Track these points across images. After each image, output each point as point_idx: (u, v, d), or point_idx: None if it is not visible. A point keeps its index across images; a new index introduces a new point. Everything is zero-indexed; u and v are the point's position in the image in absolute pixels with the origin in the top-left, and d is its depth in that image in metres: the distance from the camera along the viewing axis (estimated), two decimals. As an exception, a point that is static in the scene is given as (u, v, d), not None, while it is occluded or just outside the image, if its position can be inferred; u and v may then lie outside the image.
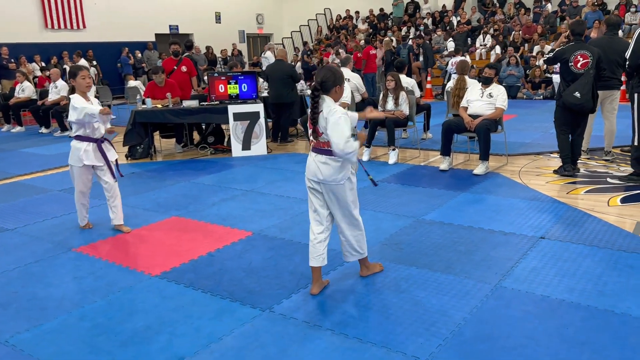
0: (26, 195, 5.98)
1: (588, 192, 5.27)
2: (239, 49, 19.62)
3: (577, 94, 5.47)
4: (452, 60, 12.24)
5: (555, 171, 5.98)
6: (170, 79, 8.33)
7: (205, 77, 9.73)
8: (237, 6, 22.12)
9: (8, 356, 2.79)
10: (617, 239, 4.03)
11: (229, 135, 7.87)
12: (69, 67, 14.15)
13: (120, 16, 17.97)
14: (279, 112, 8.58)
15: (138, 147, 7.79)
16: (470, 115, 6.26)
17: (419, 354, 2.64)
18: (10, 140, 10.21)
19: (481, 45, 16.12)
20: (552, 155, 6.78)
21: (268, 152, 7.83)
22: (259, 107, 7.68)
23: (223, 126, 8.53)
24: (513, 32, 15.65)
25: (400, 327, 2.89)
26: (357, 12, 21.29)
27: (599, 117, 6.48)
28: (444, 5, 19.25)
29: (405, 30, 18.33)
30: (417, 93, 7.98)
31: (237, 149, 7.73)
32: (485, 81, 6.34)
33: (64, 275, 3.77)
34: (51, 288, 3.58)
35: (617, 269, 3.51)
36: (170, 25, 19.82)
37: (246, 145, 7.73)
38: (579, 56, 5.55)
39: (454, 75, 9.58)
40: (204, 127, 8.65)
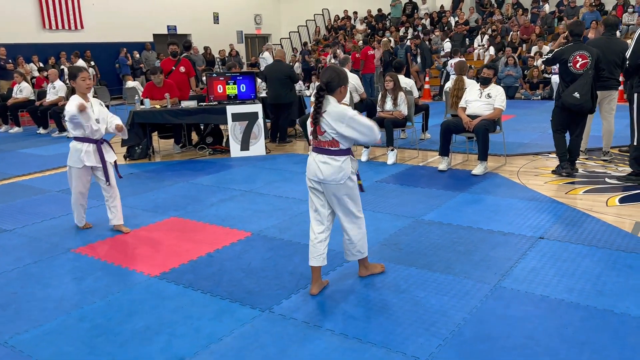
0: (24, 196, 5.97)
1: (586, 192, 5.28)
2: (236, 50, 19.60)
3: (577, 94, 5.49)
4: (452, 61, 12.25)
5: (554, 171, 5.99)
6: (169, 79, 8.32)
7: (204, 78, 9.73)
8: (235, 6, 22.12)
9: (7, 357, 2.79)
10: (616, 239, 4.03)
11: (228, 135, 7.86)
12: (66, 68, 14.14)
13: (118, 16, 17.95)
14: (277, 113, 8.58)
15: (136, 148, 7.79)
16: (468, 115, 6.26)
17: (419, 354, 2.64)
18: (8, 140, 10.19)
19: (479, 45, 16.14)
20: (551, 155, 6.79)
21: (267, 153, 7.82)
22: (258, 108, 7.67)
23: (221, 127, 8.53)
24: (511, 33, 15.67)
25: (400, 327, 2.90)
26: (355, 13, 21.29)
27: (597, 118, 6.50)
28: (442, 6, 19.26)
29: (403, 30, 18.34)
30: (416, 93, 7.98)
31: (236, 150, 7.72)
32: (484, 81, 6.35)
33: (63, 276, 3.77)
34: (50, 289, 3.57)
35: (616, 268, 3.51)
36: (168, 26, 19.81)
37: (245, 145, 7.72)
38: (578, 57, 5.56)
39: (452, 75, 9.59)
40: (202, 128, 8.65)
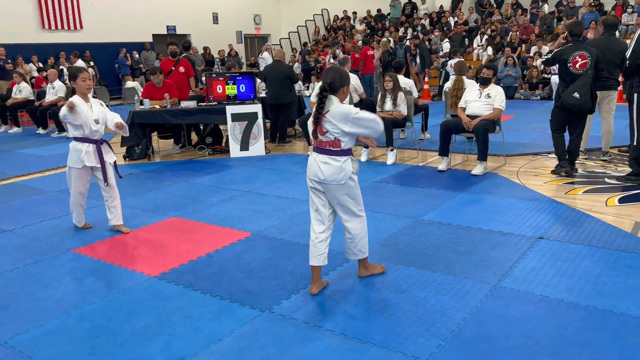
0: (24, 196, 5.97)
1: (586, 192, 5.28)
2: (235, 50, 19.59)
3: (576, 95, 5.49)
4: (451, 61, 12.25)
5: (553, 171, 6.00)
6: (168, 79, 8.32)
7: (203, 78, 9.73)
8: (235, 7, 22.11)
9: (7, 357, 2.78)
10: (616, 239, 4.04)
11: (227, 135, 7.87)
12: (65, 68, 14.13)
13: (118, 17, 17.95)
14: (277, 113, 8.58)
15: (136, 148, 7.79)
16: (468, 115, 6.26)
17: (419, 354, 2.64)
18: (8, 141, 10.19)
19: (478, 46, 16.14)
20: (550, 155, 6.79)
21: (266, 153, 7.82)
22: (257, 108, 7.67)
23: (221, 127, 8.53)
24: (510, 33, 15.68)
25: (400, 328, 2.90)
26: (355, 13, 21.29)
27: (597, 118, 6.50)
28: (441, 6, 19.26)
29: (403, 30, 18.34)
30: (415, 93, 7.98)
31: (235, 150, 7.72)
32: (483, 82, 6.35)
33: (63, 277, 3.77)
34: (50, 289, 3.57)
35: (616, 268, 3.52)
36: (167, 26, 19.81)
37: (244, 145, 7.72)
38: (577, 57, 5.56)
39: (452, 76, 9.59)
40: (202, 128, 8.65)
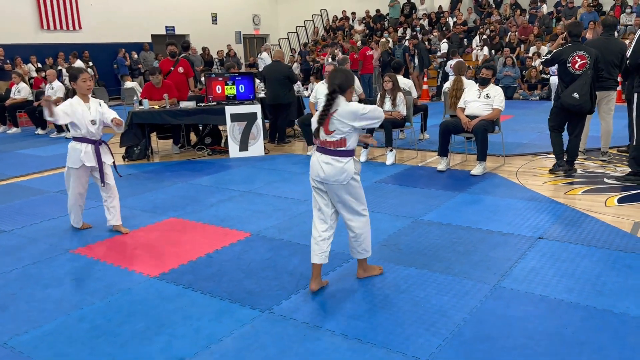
0: (23, 197, 5.96)
1: (585, 193, 5.29)
2: (234, 50, 19.57)
3: (576, 95, 5.50)
4: (451, 62, 12.26)
5: (551, 170, 6.03)
6: (167, 80, 8.32)
7: (202, 78, 9.72)
8: (234, 7, 22.10)
9: (7, 358, 2.78)
10: (615, 239, 4.04)
11: (226, 136, 7.86)
12: (64, 69, 14.10)
13: (117, 17, 17.93)
14: (276, 113, 8.58)
15: (135, 149, 7.78)
16: (467, 116, 6.26)
17: (419, 354, 2.64)
18: (6, 141, 10.17)
19: (477, 46, 16.15)
20: (549, 155, 6.79)
21: (265, 153, 7.82)
22: (257, 108, 7.67)
23: (220, 127, 8.52)
24: (509, 33, 15.69)
25: (400, 328, 2.90)
26: (354, 13, 21.28)
27: (596, 118, 6.51)
28: (440, 6, 19.26)
29: (402, 31, 18.34)
30: (414, 94, 7.99)
31: (235, 150, 7.72)
32: (483, 82, 6.35)
33: (62, 277, 3.76)
34: (49, 290, 3.57)
35: (616, 268, 3.52)
36: (166, 26, 19.79)
37: (243, 146, 7.71)
38: (576, 57, 5.57)
39: (451, 76, 9.59)
40: (201, 128, 8.64)
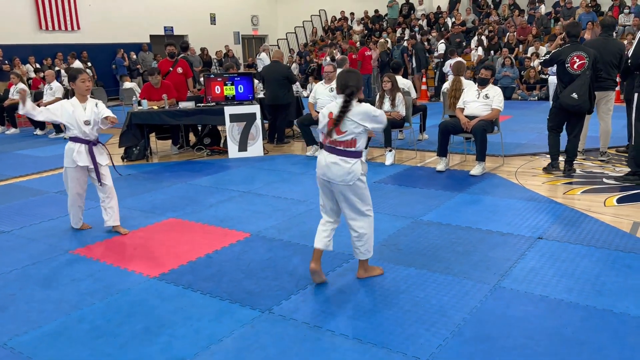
0: (22, 197, 5.95)
1: (584, 193, 5.29)
2: (232, 50, 19.54)
3: (575, 95, 5.51)
4: (449, 61, 12.26)
5: (545, 168, 6.06)
6: (166, 80, 8.31)
7: (201, 79, 9.72)
8: (232, 8, 22.10)
9: (7, 359, 2.77)
10: (614, 239, 4.05)
11: (225, 136, 7.85)
12: (62, 69, 14.08)
13: (115, 17, 17.92)
14: (275, 114, 8.57)
15: (134, 149, 7.77)
16: (466, 116, 6.27)
17: (420, 354, 2.64)
18: (5, 142, 10.16)
19: (475, 46, 16.15)
20: (548, 156, 6.79)
21: (265, 154, 7.82)
22: (256, 109, 7.67)
23: (219, 127, 8.52)
24: (508, 34, 15.70)
25: (400, 328, 2.90)
26: (352, 14, 21.29)
27: (594, 118, 6.53)
28: (438, 7, 19.27)
29: (400, 31, 18.35)
30: (413, 94, 8.00)
31: (234, 151, 7.71)
32: (482, 82, 6.36)
33: (62, 278, 3.75)
34: (49, 290, 3.56)
35: (615, 268, 3.53)
36: (165, 27, 19.78)
37: (242, 146, 7.71)
38: (575, 57, 5.58)
39: (450, 76, 9.60)
40: (200, 129, 8.64)
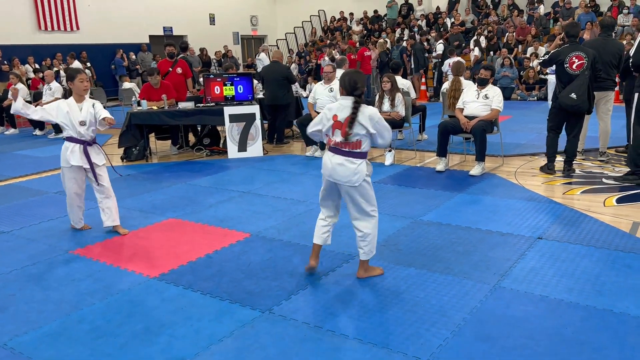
0: (21, 198, 5.95)
1: (584, 193, 5.30)
2: (231, 50, 19.53)
3: (573, 95, 5.52)
4: (448, 61, 12.27)
5: (542, 168, 6.08)
6: (166, 80, 8.31)
7: (201, 79, 9.72)
8: (231, 8, 22.09)
9: (7, 359, 2.77)
10: (614, 239, 4.05)
11: (225, 137, 7.85)
12: (61, 69, 14.07)
13: (114, 18, 17.91)
14: (274, 114, 8.57)
15: (133, 149, 7.77)
16: (466, 116, 6.27)
17: (420, 354, 2.64)
18: (4, 142, 10.15)
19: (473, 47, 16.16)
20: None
21: (264, 154, 7.82)
22: (255, 109, 7.67)
23: (219, 128, 8.52)
24: (507, 34, 15.71)
25: (400, 328, 2.90)
26: (352, 14, 21.29)
27: (594, 118, 6.53)
28: (437, 7, 19.28)
29: (399, 32, 18.35)
30: (413, 94, 8.00)
31: (233, 151, 7.71)
32: (481, 82, 6.36)
33: (62, 278, 3.75)
34: (49, 290, 3.56)
35: (615, 268, 3.53)
36: (164, 27, 19.77)
37: (242, 146, 7.71)
38: (574, 57, 5.59)
39: (450, 76, 9.61)
40: (199, 129, 8.64)
